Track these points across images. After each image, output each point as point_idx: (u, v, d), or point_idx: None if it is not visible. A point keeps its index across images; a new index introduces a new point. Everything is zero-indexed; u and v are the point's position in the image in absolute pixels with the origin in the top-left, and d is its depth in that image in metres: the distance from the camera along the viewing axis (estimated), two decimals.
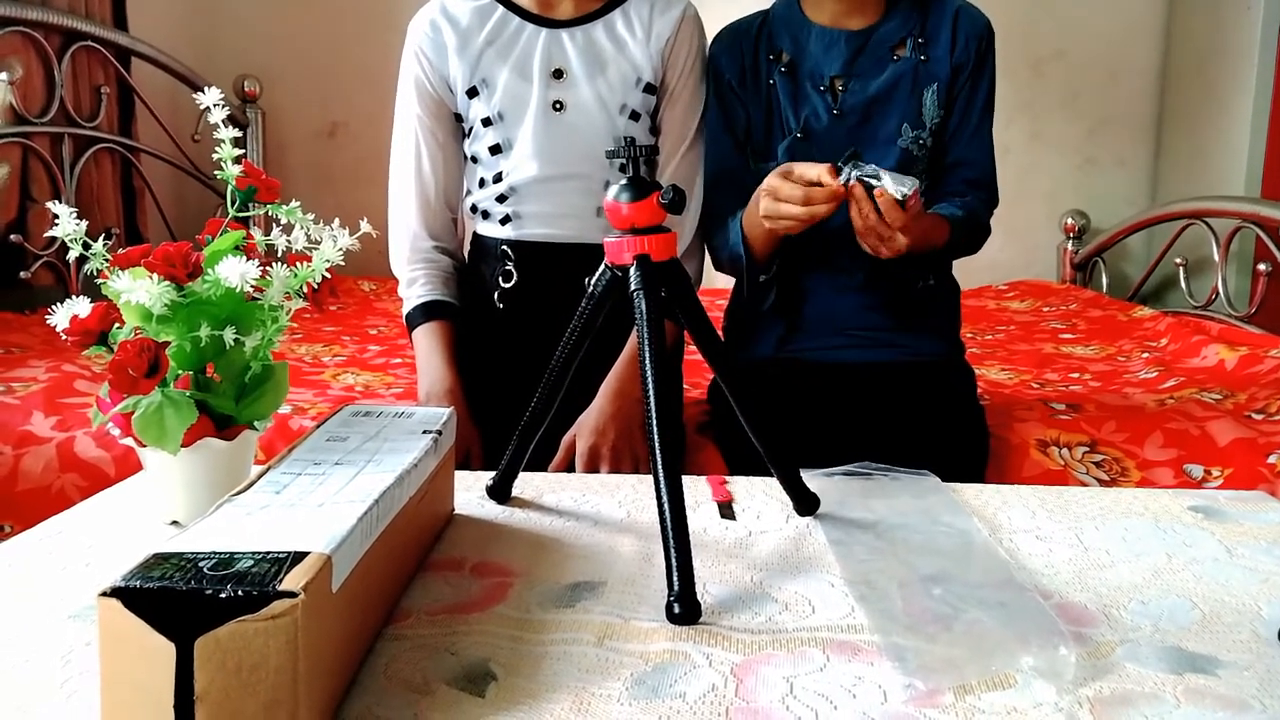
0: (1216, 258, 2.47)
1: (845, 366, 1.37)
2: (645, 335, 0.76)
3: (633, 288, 0.79)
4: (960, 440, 1.29)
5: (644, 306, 0.77)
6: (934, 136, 1.38)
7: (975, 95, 1.38)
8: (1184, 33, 2.95)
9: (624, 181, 0.80)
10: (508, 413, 1.03)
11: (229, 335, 0.78)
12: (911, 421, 1.28)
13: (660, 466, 0.72)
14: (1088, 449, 1.40)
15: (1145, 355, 2.04)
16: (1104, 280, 2.97)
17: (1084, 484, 1.34)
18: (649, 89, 1.36)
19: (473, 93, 1.37)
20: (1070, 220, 3.03)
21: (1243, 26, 2.66)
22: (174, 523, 0.83)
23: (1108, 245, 2.94)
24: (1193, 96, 2.90)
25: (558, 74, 1.35)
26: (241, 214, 0.86)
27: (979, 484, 1.00)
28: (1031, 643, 0.61)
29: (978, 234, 1.38)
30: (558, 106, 1.34)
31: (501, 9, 1.37)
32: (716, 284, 2.20)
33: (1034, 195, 3.07)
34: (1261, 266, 2.32)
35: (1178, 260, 2.66)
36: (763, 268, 1.36)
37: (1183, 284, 2.65)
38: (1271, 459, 1.34)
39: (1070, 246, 3.05)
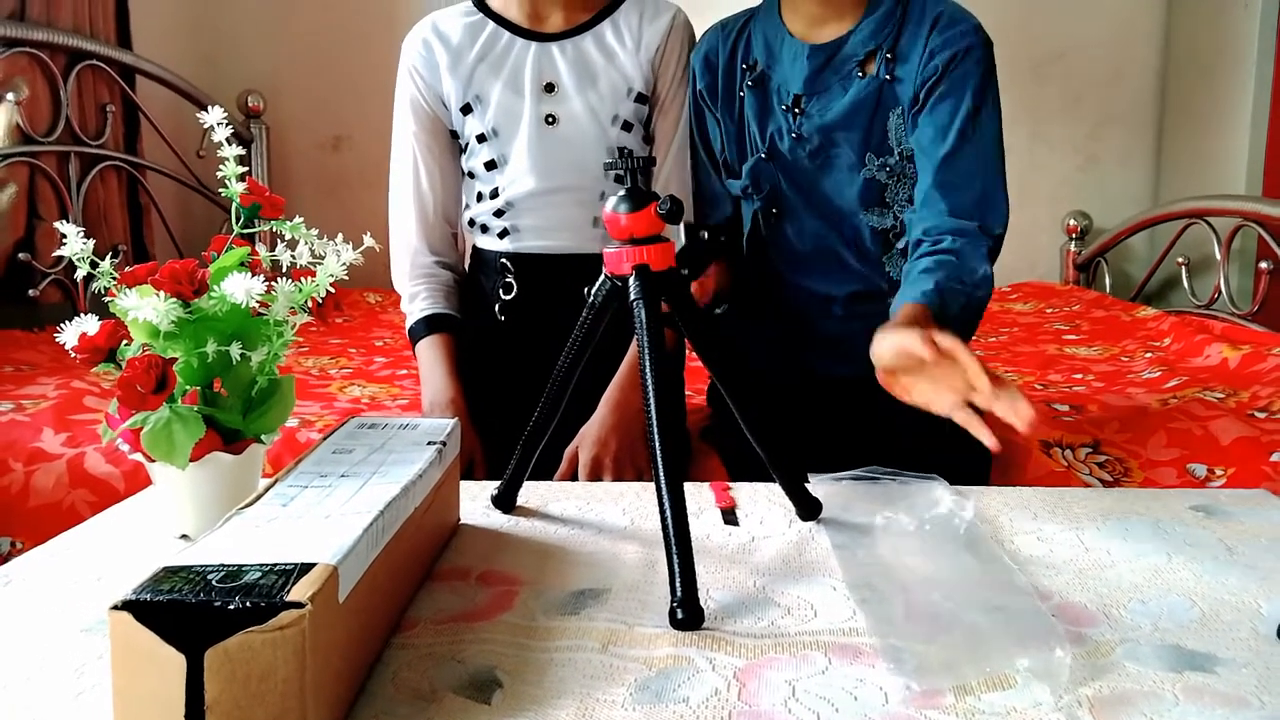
0: (1219, 257, 2.47)
1: (837, 380, 1.33)
2: (645, 344, 0.77)
3: (632, 297, 0.79)
4: (960, 454, 1.28)
5: (643, 316, 0.78)
6: (905, 159, 1.25)
7: (947, 115, 1.19)
8: (1183, 33, 2.96)
9: (622, 192, 0.81)
10: (511, 423, 1.04)
11: (235, 350, 0.79)
12: (906, 435, 1.27)
13: (662, 474, 0.73)
14: (1091, 450, 1.40)
15: (1149, 355, 2.04)
16: (1107, 281, 2.97)
17: (1087, 485, 1.34)
18: (640, 99, 1.37)
19: (466, 109, 1.38)
20: (1072, 221, 3.03)
21: (1241, 26, 2.66)
22: (183, 536, 0.84)
23: (1110, 246, 2.95)
24: (1193, 96, 2.90)
25: (549, 88, 1.36)
26: (246, 230, 0.87)
27: (982, 486, 1.01)
28: (1028, 645, 0.62)
29: (972, 291, 1.13)
30: (550, 120, 1.35)
31: (492, 24, 1.38)
32: None
33: (1036, 197, 3.08)
34: (1263, 265, 2.32)
35: (1180, 260, 2.66)
36: (713, 302, 1.34)
37: (1185, 283, 2.65)
38: (1274, 457, 1.34)
39: (1073, 247, 3.05)
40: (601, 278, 0.83)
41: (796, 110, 1.27)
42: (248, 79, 3.01)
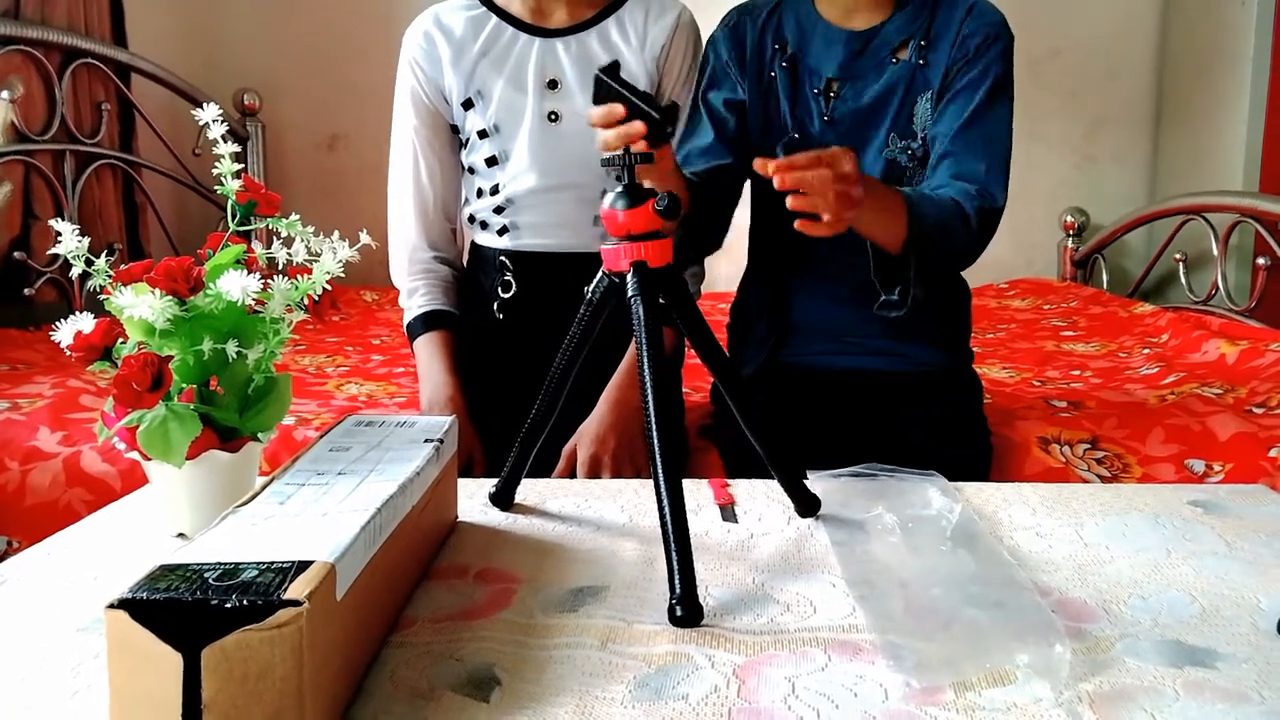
0: (1216, 253, 2.48)
1: (838, 373, 1.34)
2: (643, 341, 0.77)
3: (630, 294, 0.79)
4: (956, 453, 1.26)
5: (641, 312, 0.78)
6: (926, 145, 1.27)
7: (967, 97, 1.23)
8: (1180, 29, 2.96)
9: (620, 189, 0.81)
10: (509, 421, 1.04)
11: (231, 348, 0.79)
12: (905, 432, 1.27)
13: (660, 471, 0.73)
14: (1089, 446, 1.40)
15: (1146, 351, 2.04)
16: (1104, 277, 2.98)
17: (1086, 481, 1.34)
18: None
19: (468, 105, 1.37)
20: (1070, 218, 3.03)
21: (1238, 22, 2.66)
22: (180, 535, 0.83)
23: (1108, 242, 2.95)
24: (1190, 92, 2.90)
25: (552, 84, 1.35)
26: (242, 228, 0.87)
27: (981, 483, 1.01)
28: (1028, 641, 0.62)
29: (955, 225, 1.18)
30: (553, 117, 1.34)
31: (495, 19, 1.38)
32: (718, 288, 2.20)
33: (1034, 193, 3.07)
34: (1261, 261, 2.33)
35: (1177, 256, 2.66)
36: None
37: (1183, 279, 2.65)
38: (1273, 453, 1.34)
39: (1070, 244, 3.05)
40: (599, 274, 0.83)
41: (830, 94, 1.28)
42: (244, 77, 3.00)
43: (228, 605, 0.50)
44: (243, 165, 0.88)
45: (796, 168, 0.96)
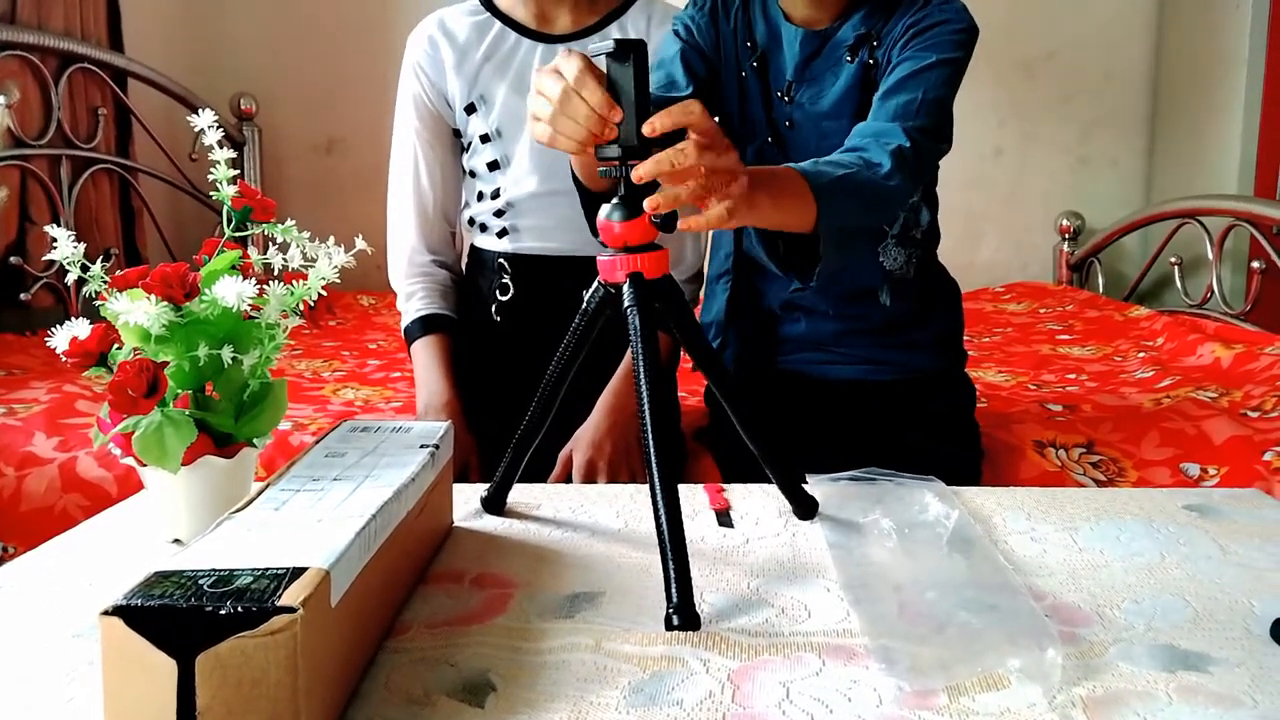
0: (1211, 256, 2.48)
1: (827, 381, 1.34)
2: (639, 352, 0.77)
3: (626, 305, 0.79)
4: (947, 456, 1.26)
5: (638, 324, 0.78)
6: None
7: (907, 67, 1.13)
8: (1175, 33, 2.96)
9: (616, 200, 0.81)
10: (506, 425, 1.04)
11: (227, 354, 0.79)
12: (896, 434, 1.27)
13: (657, 482, 0.73)
14: (1085, 450, 1.40)
15: (1142, 355, 2.05)
16: (1100, 281, 2.98)
17: (1081, 485, 1.34)
18: None
19: (471, 109, 1.38)
20: (1065, 221, 3.04)
21: (1232, 26, 2.67)
22: (176, 541, 0.83)
23: (1103, 246, 2.95)
24: (1184, 96, 2.91)
25: None
26: (238, 234, 0.87)
27: (976, 487, 1.01)
28: (1020, 645, 0.62)
29: (860, 170, 1.02)
30: None
31: (499, 24, 1.38)
32: None
33: (1029, 197, 3.08)
34: (1255, 264, 2.33)
35: (1173, 259, 2.66)
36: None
37: (1178, 283, 2.65)
38: (1267, 456, 1.35)
39: (1066, 248, 3.05)
40: (595, 284, 0.83)
41: (787, 99, 1.24)
42: (240, 82, 3.00)
43: (222, 612, 0.50)
44: (239, 170, 0.88)
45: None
